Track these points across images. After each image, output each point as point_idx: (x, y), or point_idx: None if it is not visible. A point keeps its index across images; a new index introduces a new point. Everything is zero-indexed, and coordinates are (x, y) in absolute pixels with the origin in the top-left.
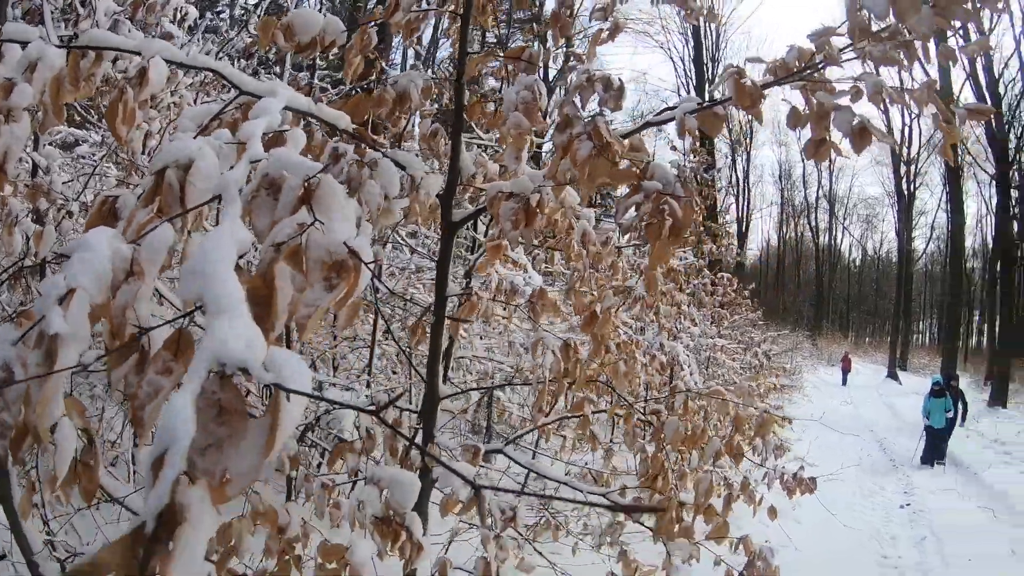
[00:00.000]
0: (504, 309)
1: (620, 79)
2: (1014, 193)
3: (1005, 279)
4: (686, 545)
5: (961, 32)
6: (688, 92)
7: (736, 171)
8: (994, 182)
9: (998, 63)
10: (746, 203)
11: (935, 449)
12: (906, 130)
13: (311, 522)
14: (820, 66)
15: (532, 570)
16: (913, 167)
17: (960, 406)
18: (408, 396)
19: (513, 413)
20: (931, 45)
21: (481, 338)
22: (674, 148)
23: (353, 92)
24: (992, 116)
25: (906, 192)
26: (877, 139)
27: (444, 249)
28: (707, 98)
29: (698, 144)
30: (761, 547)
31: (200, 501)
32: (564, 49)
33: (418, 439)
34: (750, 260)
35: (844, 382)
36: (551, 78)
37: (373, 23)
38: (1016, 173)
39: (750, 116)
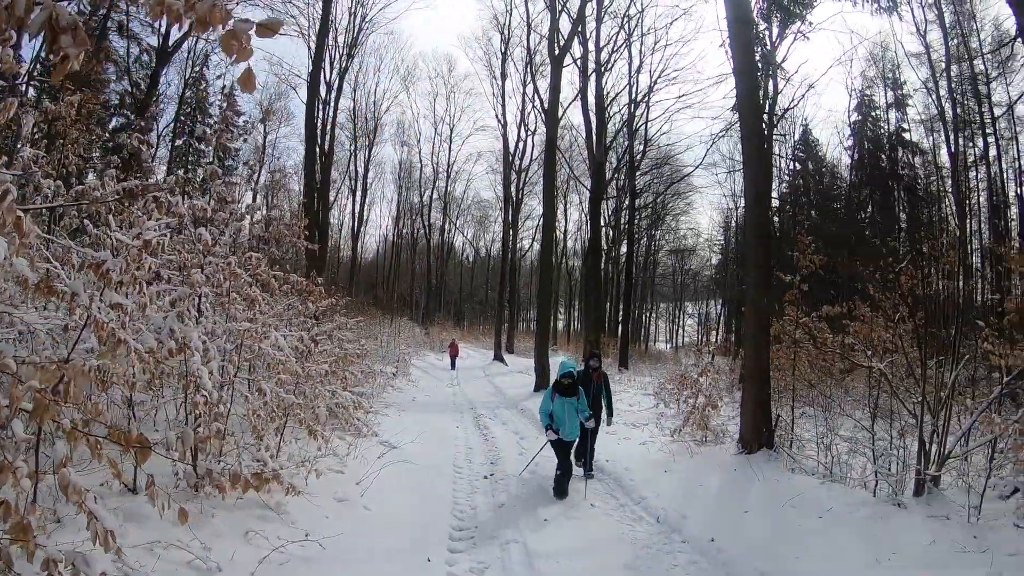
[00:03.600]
0: None
1: None
2: (609, 204)
3: (593, 275)
4: None
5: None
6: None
7: (356, 164)
8: (589, 196)
9: (609, 97)
10: (363, 197)
11: (570, 469)
12: (521, 144)
13: None
14: None
15: None
16: (524, 175)
17: (604, 396)
18: None
19: None
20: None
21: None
22: None
23: None
24: (590, 132)
25: (515, 197)
26: None
27: None
28: None
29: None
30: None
31: None
32: None
33: None
34: (369, 253)
35: (452, 366)
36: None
37: None
38: (612, 188)
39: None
